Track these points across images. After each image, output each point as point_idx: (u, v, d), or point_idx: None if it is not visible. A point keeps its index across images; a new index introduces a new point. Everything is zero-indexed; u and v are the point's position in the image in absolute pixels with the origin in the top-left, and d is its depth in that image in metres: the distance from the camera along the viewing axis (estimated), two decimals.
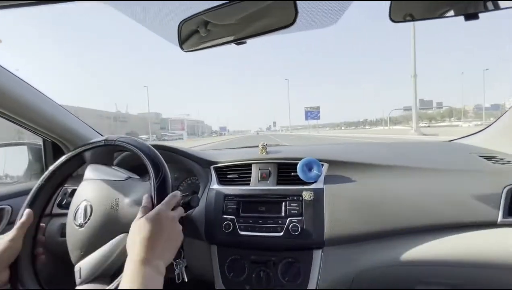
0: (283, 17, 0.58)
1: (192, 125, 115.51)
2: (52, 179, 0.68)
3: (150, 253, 0.46)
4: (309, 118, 70.33)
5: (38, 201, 0.65)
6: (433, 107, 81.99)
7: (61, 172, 0.69)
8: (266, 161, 0.91)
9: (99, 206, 0.60)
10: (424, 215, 0.73)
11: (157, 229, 0.49)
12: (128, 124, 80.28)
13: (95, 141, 0.68)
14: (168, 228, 0.50)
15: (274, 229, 0.77)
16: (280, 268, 0.76)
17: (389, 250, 0.75)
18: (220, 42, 0.69)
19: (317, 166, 0.82)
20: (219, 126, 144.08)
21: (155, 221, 0.49)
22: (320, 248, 0.75)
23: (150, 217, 0.49)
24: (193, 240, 0.84)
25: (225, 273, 0.79)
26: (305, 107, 71.76)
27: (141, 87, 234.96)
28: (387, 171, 0.85)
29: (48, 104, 0.91)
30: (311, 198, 0.78)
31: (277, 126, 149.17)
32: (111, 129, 69.55)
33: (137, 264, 0.44)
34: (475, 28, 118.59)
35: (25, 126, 0.91)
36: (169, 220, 0.51)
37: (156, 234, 0.48)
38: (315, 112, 70.51)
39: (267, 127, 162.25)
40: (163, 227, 0.49)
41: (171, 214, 0.53)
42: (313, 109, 70.87)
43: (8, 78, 0.78)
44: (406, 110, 69.87)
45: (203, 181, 0.94)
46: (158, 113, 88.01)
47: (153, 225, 0.48)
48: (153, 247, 0.47)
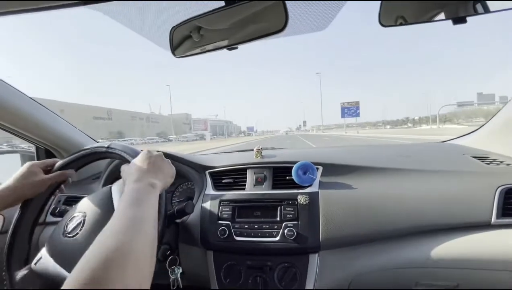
0: (274, 22, 0.58)
1: (221, 125, 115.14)
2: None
3: (145, 174, 0.50)
4: (346, 116, 57.28)
5: (31, 208, 0.64)
6: (495, 102, 67.83)
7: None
8: (261, 165, 0.90)
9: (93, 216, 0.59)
10: (418, 217, 0.74)
11: (149, 161, 0.54)
12: (159, 125, 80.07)
13: (86, 148, 0.67)
14: (157, 159, 0.56)
15: (270, 234, 0.76)
16: (277, 273, 0.76)
17: (386, 253, 0.75)
18: (212, 47, 0.70)
19: (311, 170, 0.83)
20: (247, 126, 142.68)
21: (146, 156, 0.55)
22: (316, 252, 0.75)
23: (142, 154, 0.56)
24: (189, 246, 0.83)
25: (221, 279, 0.79)
26: (341, 102, 57.50)
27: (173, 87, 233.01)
28: (381, 174, 0.85)
29: (40, 111, 0.91)
30: (306, 202, 0.78)
31: (307, 126, 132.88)
32: (143, 129, 69.78)
33: (132, 183, 0.47)
34: None
35: (17, 134, 0.89)
36: (158, 155, 0.58)
37: (149, 164, 0.53)
38: (353, 109, 57.04)
39: (296, 126, 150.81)
40: (153, 158, 0.55)
41: (157, 152, 0.59)
42: (351, 104, 57.31)
43: (1, 86, 0.77)
44: (460, 105, 58.15)
45: (198, 186, 0.94)
46: (188, 114, 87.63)
47: (145, 159, 0.54)
48: (147, 170, 0.51)
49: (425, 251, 0.73)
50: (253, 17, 0.61)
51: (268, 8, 0.59)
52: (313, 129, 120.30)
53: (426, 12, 0.57)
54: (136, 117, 70.19)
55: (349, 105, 57.37)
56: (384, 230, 0.74)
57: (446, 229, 0.73)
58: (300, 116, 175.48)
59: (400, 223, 0.74)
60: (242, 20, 0.63)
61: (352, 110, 57.20)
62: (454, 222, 0.73)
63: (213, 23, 0.67)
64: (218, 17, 0.64)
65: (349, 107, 57.27)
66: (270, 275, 0.76)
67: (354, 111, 57.10)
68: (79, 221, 0.58)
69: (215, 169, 0.94)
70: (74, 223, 0.59)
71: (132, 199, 0.43)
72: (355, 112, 57.12)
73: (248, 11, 0.61)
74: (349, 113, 57.14)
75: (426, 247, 0.73)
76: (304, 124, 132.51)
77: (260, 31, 0.61)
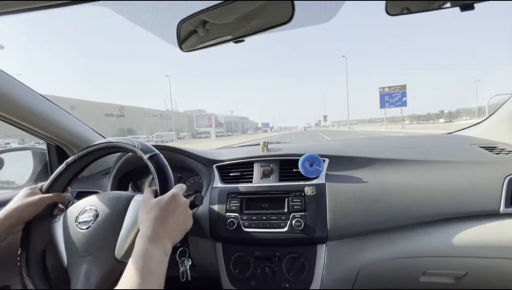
0: (280, 14, 0.59)
1: (236, 122, 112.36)
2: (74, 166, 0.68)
3: (161, 231, 0.48)
4: (388, 105, 39.44)
5: (33, 231, 0.64)
6: None
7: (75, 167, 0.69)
8: (268, 159, 0.91)
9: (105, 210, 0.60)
10: (426, 207, 0.74)
11: (171, 209, 0.51)
12: (172, 121, 76.56)
13: (98, 143, 0.67)
14: (180, 210, 0.53)
15: (278, 225, 0.77)
16: (285, 263, 0.77)
17: (393, 243, 0.76)
18: (219, 41, 0.70)
19: (318, 162, 0.83)
20: (262, 122, 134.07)
21: (170, 202, 0.52)
22: (324, 243, 0.76)
23: (166, 198, 0.52)
24: (198, 238, 0.85)
25: (230, 269, 0.80)
26: (380, 88, 39.24)
27: (188, 83, 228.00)
28: (388, 165, 0.85)
29: (51, 108, 0.93)
30: (313, 193, 0.78)
31: (328, 121, 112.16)
32: (157, 126, 67.92)
33: (147, 243, 0.46)
34: None
35: (29, 131, 0.92)
36: (182, 203, 0.55)
37: (170, 215, 0.51)
38: (398, 95, 39.11)
39: (315, 122, 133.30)
40: (176, 208, 0.52)
41: (184, 199, 0.56)
42: (394, 89, 39.35)
43: (12, 83, 0.79)
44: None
45: (206, 180, 0.95)
46: (201, 110, 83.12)
47: (168, 206, 0.51)
48: (165, 226, 0.49)
49: (433, 241, 0.73)
50: (258, 10, 0.62)
51: (274, 1, 0.59)
52: (334, 124, 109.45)
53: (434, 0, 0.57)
54: (149, 114, 68.80)
55: (391, 90, 38.63)
56: (391, 221, 0.74)
57: (454, 219, 0.74)
58: (320, 111, 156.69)
59: (407, 213, 0.74)
60: (248, 13, 0.64)
61: (396, 97, 38.47)
62: (462, 211, 0.73)
63: (219, 17, 0.67)
64: (224, 11, 0.64)
65: (391, 93, 38.52)
66: (279, 265, 0.77)
67: (399, 98, 38.32)
68: (91, 216, 0.60)
69: (222, 163, 0.95)
70: (87, 216, 0.61)
71: (144, 268, 0.43)
72: (400, 100, 38.33)
73: (253, 4, 0.62)
74: (392, 102, 38.87)
75: (434, 236, 0.74)
76: (325, 118, 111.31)
77: (266, 24, 0.61)
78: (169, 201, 0.52)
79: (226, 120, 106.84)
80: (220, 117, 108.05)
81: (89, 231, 0.59)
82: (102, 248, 0.57)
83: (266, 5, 0.61)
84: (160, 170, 0.58)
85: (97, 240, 0.58)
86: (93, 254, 0.57)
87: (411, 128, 26.54)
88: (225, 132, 79.60)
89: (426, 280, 0.79)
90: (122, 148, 0.63)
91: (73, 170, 0.69)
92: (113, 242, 0.56)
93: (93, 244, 0.57)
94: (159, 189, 0.56)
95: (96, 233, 0.58)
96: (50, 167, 1.09)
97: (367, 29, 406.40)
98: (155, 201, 0.52)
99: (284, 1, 0.58)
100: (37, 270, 0.61)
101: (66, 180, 0.69)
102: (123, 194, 0.64)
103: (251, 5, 0.62)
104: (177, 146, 0.97)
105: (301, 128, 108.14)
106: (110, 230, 0.57)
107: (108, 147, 0.65)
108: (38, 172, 1.11)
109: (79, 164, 0.68)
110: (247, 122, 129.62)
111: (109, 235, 0.57)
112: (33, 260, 0.62)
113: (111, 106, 57.70)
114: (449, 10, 0.54)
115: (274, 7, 0.60)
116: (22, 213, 0.61)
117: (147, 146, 0.61)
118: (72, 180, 0.71)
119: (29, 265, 0.61)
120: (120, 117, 57.52)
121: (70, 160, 0.66)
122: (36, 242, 0.63)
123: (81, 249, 0.58)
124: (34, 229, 0.63)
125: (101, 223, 0.59)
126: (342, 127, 66.16)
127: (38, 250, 0.63)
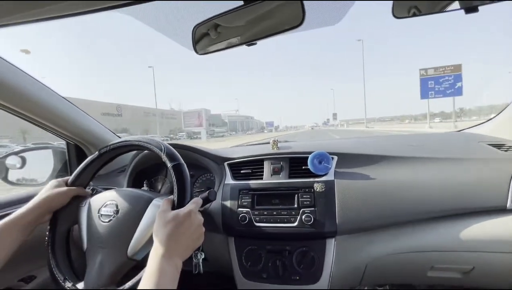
0: (291, 18, 0.62)
1: (241, 121, 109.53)
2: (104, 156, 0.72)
3: (174, 249, 0.51)
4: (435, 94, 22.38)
5: (60, 220, 0.69)
6: None
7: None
8: (278, 156, 0.94)
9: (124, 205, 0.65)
10: (433, 203, 0.76)
11: (186, 227, 0.53)
12: (175, 121, 73.91)
13: (128, 140, 0.71)
14: (194, 229, 0.55)
15: (288, 220, 0.80)
16: (295, 257, 0.80)
17: (401, 237, 0.78)
18: (232, 44, 0.73)
19: (326, 159, 0.86)
20: (266, 121, 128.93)
21: (186, 219, 0.54)
22: (333, 237, 0.79)
23: (182, 215, 0.54)
24: (211, 233, 0.89)
25: (242, 263, 0.84)
26: (421, 69, 22.81)
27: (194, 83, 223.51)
28: (396, 162, 0.87)
29: (72, 109, 0.98)
30: (322, 189, 0.81)
31: (337, 120, 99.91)
32: (154, 126, 61.61)
33: (161, 259, 0.49)
34: None
35: (51, 130, 0.97)
36: (197, 221, 0.56)
37: (184, 232, 0.53)
38: (449, 80, 21.89)
39: (323, 121, 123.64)
40: (191, 226, 0.54)
41: (199, 217, 0.58)
42: (443, 71, 22.09)
43: (37, 86, 0.85)
44: None
45: (218, 177, 0.99)
46: (206, 109, 75.39)
47: (183, 223, 0.53)
48: (178, 244, 0.52)
49: (441, 236, 0.75)
50: (270, 14, 0.65)
51: (285, 4, 0.62)
52: (343, 123, 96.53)
53: (439, 2, 0.58)
54: (149, 113, 64.77)
55: (438, 73, 22.81)
56: (399, 216, 0.77)
57: (461, 214, 0.75)
58: (330, 109, 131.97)
59: (415, 209, 0.76)
60: (260, 17, 0.67)
61: (446, 83, 22.48)
62: (470, 207, 0.74)
63: (232, 21, 0.71)
64: (237, 15, 0.67)
65: (438, 77, 22.75)
66: (289, 259, 0.80)
67: (451, 84, 22.32)
68: (112, 211, 0.65)
69: (233, 161, 0.98)
70: (108, 210, 0.66)
71: (158, 283, 0.46)
72: (453, 86, 22.25)
73: (265, 8, 0.65)
74: (440, 90, 22.80)
75: (441, 231, 0.76)
76: (334, 117, 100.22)
77: (278, 27, 0.64)
78: (185, 217, 0.54)
79: (230, 119, 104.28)
80: (224, 116, 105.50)
81: (109, 225, 0.63)
82: (118, 244, 0.61)
83: (278, 9, 0.64)
84: (181, 181, 0.60)
85: (114, 236, 0.62)
86: (109, 248, 0.62)
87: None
88: (225, 132, 76.27)
89: (433, 275, 0.80)
90: (149, 149, 0.66)
91: (97, 164, 0.73)
92: (127, 240, 0.60)
93: (110, 239, 0.62)
94: (176, 201, 0.58)
95: (115, 228, 0.63)
96: (70, 165, 1.15)
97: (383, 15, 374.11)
98: (172, 215, 0.53)
99: (295, 5, 0.61)
100: (61, 246, 0.68)
101: (91, 174, 0.74)
102: (143, 195, 0.67)
103: (263, 9, 0.65)
104: (191, 144, 1.01)
105: (308, 127, 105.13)
106: (127, 228, 0.62)
107: (135, 145, 0.69)
108: (58, 170, 1.16)
109: (106, 157, 0.73)
110: (252, 121, 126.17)
111: (125, 233, 0.61)
112: (59, 237, 0.68)
113: (108, 105, 55.43)
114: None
115: (285, 11, 0.63)
116: (51, 202, 0.66)
117: (173, 153, 0.63)
118: (95, 174, 0.76)
119: (54, 243, 0.67)
120: (117, 116, 55.83)
121: (103, 149, 0.71)
122: (63, 221, 0.69)
123: (99, 240, 0.63)
124: (63, 212, 0.69)
125: (120, 219, 0.63)
126: (355, 126, 59.01)
127: (64, 229, 0.69)
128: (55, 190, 0.67)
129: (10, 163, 1.05)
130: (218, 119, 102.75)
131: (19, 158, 1.07)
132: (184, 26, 0.86)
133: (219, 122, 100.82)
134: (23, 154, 1.11)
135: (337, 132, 23.77)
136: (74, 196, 0.70)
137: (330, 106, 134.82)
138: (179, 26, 1.00)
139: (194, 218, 0.55)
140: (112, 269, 0.60)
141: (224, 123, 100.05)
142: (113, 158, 0.75)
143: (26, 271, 0.88)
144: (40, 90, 0.86)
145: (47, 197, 0.66)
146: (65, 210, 0.69)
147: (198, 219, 0.57)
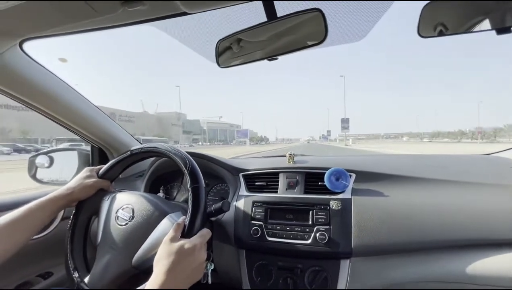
0: (314, 33, 0.62)
1: (224, 129, 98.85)
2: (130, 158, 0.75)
3: (173, 281, 0.50)
4: None
5: (84, 209, 0.73)
6: None
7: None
8: (294, 171, 0.93)
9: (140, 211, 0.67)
10: (455, 231, 0.71)
11: (188, 262, 0.53)
12: (133, 124, 65.72)
13: (158, 147, 0.71)
14: (195, 265, 0.54)
15: (302, 237, 0.78)
16: (307, 276, 0.77)
17: (420, 264, 0.74)
18: (253, 58, 0.75)
19: (344, 176, 0.84)
20: (236, 129, 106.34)
21: (190, 254, 0.53)
22: (347, 258, 0.76)
23: (187, 249, 0.53)
24: (223, 244, 0.88)
25: (252, 277, 0.82)
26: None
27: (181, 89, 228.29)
28: (417, 184, 0.84)
29: (99, 114, 1.04)
30: (338, 207, 0.79)
31: (331, 136, 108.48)
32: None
33: (159, 285, 0.49)
34: None
35: (79, 134, 1.03)
36: (200, 258, 0.55)
37: (185, 267, 0.52)
38: None
39: (320, 135, 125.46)
40: (193, 262, 0.53)
41: (203, 253, 0.57)
42: None
43: (71, 93, 0.91)
44: None
45: (232, 187, 0.99)
46: (181, 113, 69.21)
47: (186, 258, 0.52)
48: (177, 277, 0.51)
49: (462, 266, 0.70)
50: (293, 30, 0.66)
51: (308, 20, 0.63)
52: (337, 139, 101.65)
53: (468, 22, 0.57)
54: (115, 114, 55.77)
55: None
56: (418, 241, 0.72)
57: (489, 245, 0.70)
58: (325, 126, 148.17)
59: (435, 235, 0.72)
60: (282, 33, 0.68)
61: None
62: (495, 238, 0.69)
63: (255, 36, 0.73)
64: (260, 31, 0.69)
65: None
66: (301, 277, 0.78)
67: None
68: (128, 216, 0.67)
69: (248, 172, 0.98)
70: (125, 214, 0.67)
71: None
72: None
73: (288, 24, 0.66)
74: None
75: (463, 261, 0.70)
76: (329, 133, 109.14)
77: (300, 43, 0.65)
78: (189, 253, 0.53)
79: (210, 127, 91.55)
80: (203, 122, 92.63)
81: (123, 229, 0.65)
82: (126, 250, 0.63)
83: (300, 25, 0.65)
84: (195, 205, 0.60)
85: (125, 241, 0.64)
86: (118, 251, 0.64)
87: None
88: (199, 142, 64.32)
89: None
90: (173, 160, 0.67)
91: (127, 162, 0.77)
92: (135, 248, 0.62)
93: (121, 243, 0.64)
94: (187, 226, 0.58)
95: (127, 234, 0.65)
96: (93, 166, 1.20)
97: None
98: (177, 247, 0.53)
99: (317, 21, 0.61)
100: (80, 235, 0.72)
101: (119, 170, 0.78)
102: (159, 206, 0.68)
103: (285, 25, 0.66)
104: (208, 154, 1.03)
105: (304, 140, 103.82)
106: (138, 237, 0.63)
107: (163, 153, 0.70)
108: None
109: (135, 157, 0.76)
110: (238, 131, 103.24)
111: (135, 241, 0.63)
112: (80, 224, 0.72)
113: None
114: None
115: (308, 27, 0.64)
116: (81, 192, 0.71)
117: (197, 174, 0.63)
118: (121, 171, 0.80)
119: (75, 230, 0.71)
120: None
121: (134, 149, 0.74)
122: (85, 210, 0.73)
123: (111, 241, 0.65)
124: (87, 201, 0.73)
125: (133, 226, 0.65)
126: (364, 143, 52.44)
127: (85, 217, 0.73)
128: (86, 181, 0.72)
129: (40, 162, 1.12)
130: (196, 126, 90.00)
131: (48, 157, 1.14)
132: (208, 39, 0.90)
133: (196, 129, 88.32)
134: (52, 154, 1.18)
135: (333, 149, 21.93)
136: (100, 188, 0.75)
137: (335, 114, 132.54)
138: (205, 39, 1.04)
139: (197, 255, 0.54)
140: (116, 273, 0.62)
141: (203, 131, 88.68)
142: (140, 160, 0.78)
143: (44, 267, 0.91)
144: (75, 97, 0.93)
145: (79, 185, 0.71)
146: (90, 199, 0.74)
147: (201, 256, 0.56)
